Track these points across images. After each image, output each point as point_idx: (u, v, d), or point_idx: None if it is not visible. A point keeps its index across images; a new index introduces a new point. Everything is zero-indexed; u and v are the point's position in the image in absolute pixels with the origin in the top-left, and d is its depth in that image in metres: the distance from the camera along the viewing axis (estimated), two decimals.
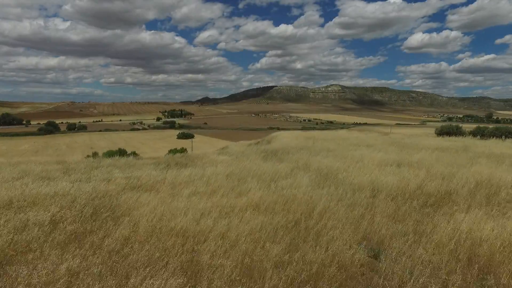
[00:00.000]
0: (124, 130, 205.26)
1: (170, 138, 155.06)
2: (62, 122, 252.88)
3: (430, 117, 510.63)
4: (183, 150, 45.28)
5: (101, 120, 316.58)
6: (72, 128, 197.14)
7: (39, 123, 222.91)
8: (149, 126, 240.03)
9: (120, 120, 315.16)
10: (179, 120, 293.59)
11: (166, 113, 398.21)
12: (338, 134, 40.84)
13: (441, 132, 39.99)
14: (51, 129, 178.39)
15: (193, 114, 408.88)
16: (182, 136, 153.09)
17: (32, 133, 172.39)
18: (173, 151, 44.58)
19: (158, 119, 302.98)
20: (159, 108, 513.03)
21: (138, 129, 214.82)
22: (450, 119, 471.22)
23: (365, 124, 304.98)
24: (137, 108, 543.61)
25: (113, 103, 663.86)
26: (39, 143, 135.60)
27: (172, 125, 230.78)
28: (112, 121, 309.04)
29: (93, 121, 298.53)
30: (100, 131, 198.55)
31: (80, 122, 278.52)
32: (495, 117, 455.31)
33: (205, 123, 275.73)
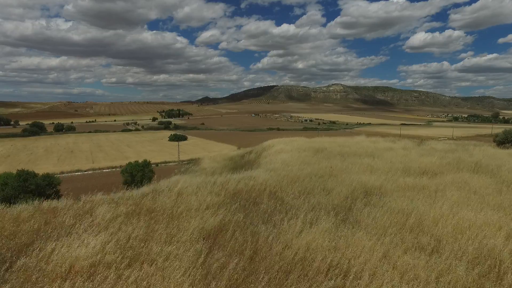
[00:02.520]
0: (115, 131, 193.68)
1: (161, 140, 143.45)
2: (52, 123, 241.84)
3: (435, 117, 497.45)
4: (145, 165, 33.65)
5: (95, 120, 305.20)
6: (59, 129, 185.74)
7: (27, 124, 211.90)
8: (142, 126, 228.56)
9: (115, 121, 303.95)
10: (175, 121, 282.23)
11: (163, 113, 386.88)
12: (358, 143, 29.03)
13: (504, 140, 28.17)
14: (36, 130, 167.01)
15: (192, 114, 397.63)
16: (174, 138, 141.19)
17: (15, 135, 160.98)
18: (130, 166, 32.89)
19: (154, 119, 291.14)
20: (157, 108, 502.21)
21: (131, 130, 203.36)
22: (455, 119, 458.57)
23: (369, 124, 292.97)
24: (135, 108, 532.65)
25: (111, 103, 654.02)
26: (17, 146, 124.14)
27: (167, 126, 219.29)
28: (106, 121, 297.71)
29: (86, 122, 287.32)
30: (90, 132, 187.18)
31: (72, 122, 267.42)
32: (501, 117, 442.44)
33: (202, 124, 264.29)
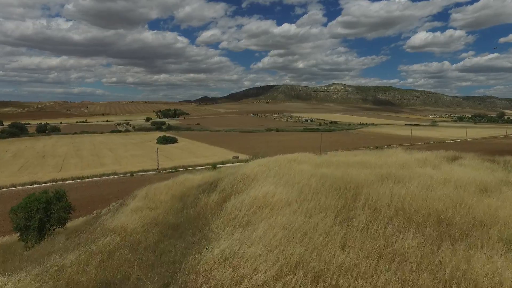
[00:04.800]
0: (103, 132, 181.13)
1: (148, 143, 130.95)
2: (40, 123, 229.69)
3: (438, 117, 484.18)
4: (57, 197, 21.09)
5: (86, 120, 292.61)
6: (42, 130, 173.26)
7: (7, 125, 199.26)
8: (134, 127, 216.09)
9: (107, 121, 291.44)
10: (170, 121, 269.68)
11: (159, 113, 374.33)
12: (405, 167, 16.63)
13: None
14: (15, 131, 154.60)
15: (188, 114, 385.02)
16: (162, 141, 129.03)
17: None
18: (27, 201, 20.13)
19: (148, 119, 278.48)
20: (155, 107, 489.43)
21: (120, 131, 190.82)
22: (460, 119, 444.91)
23: (373, 124, 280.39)
24: (131, 108, 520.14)
25: (108, 103, 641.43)
26: None
27: (159, 127, 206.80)
28: (98, 121, 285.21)
29: (76, 122, 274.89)
30: (75, 133, 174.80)
31: (61, 122, 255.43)
32: (506, 117, 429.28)
33: (198, 124, 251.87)
